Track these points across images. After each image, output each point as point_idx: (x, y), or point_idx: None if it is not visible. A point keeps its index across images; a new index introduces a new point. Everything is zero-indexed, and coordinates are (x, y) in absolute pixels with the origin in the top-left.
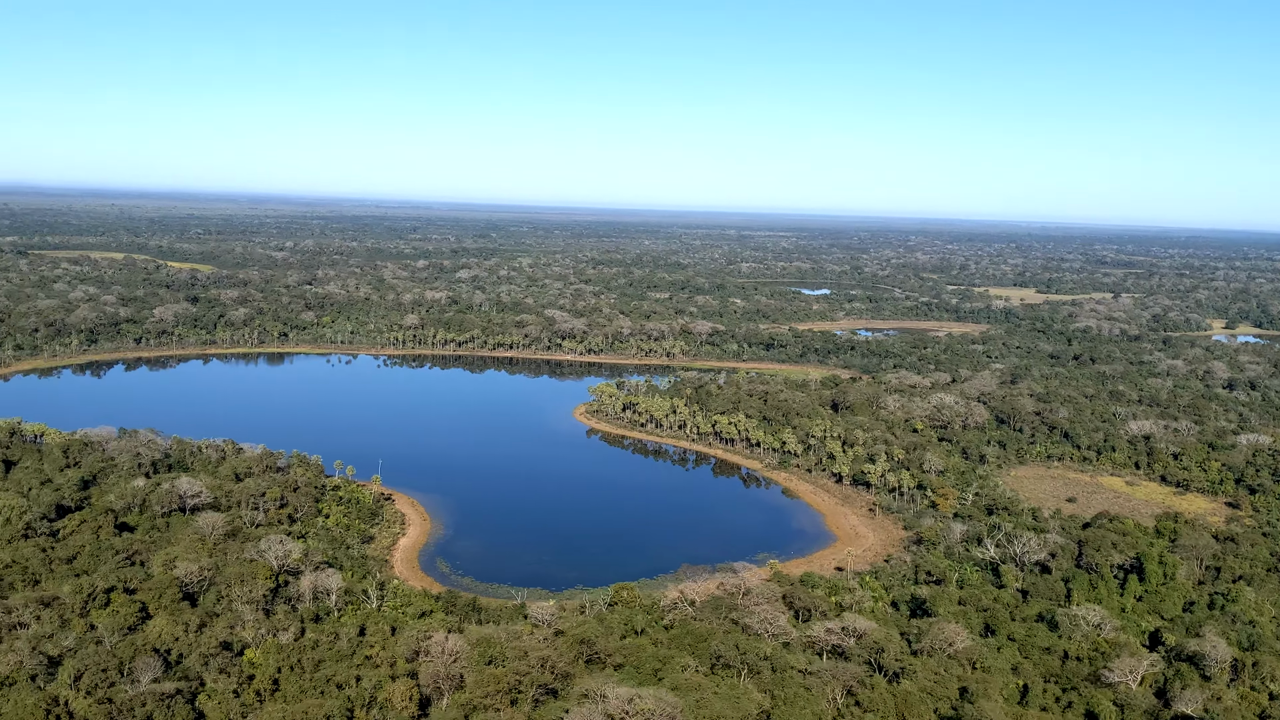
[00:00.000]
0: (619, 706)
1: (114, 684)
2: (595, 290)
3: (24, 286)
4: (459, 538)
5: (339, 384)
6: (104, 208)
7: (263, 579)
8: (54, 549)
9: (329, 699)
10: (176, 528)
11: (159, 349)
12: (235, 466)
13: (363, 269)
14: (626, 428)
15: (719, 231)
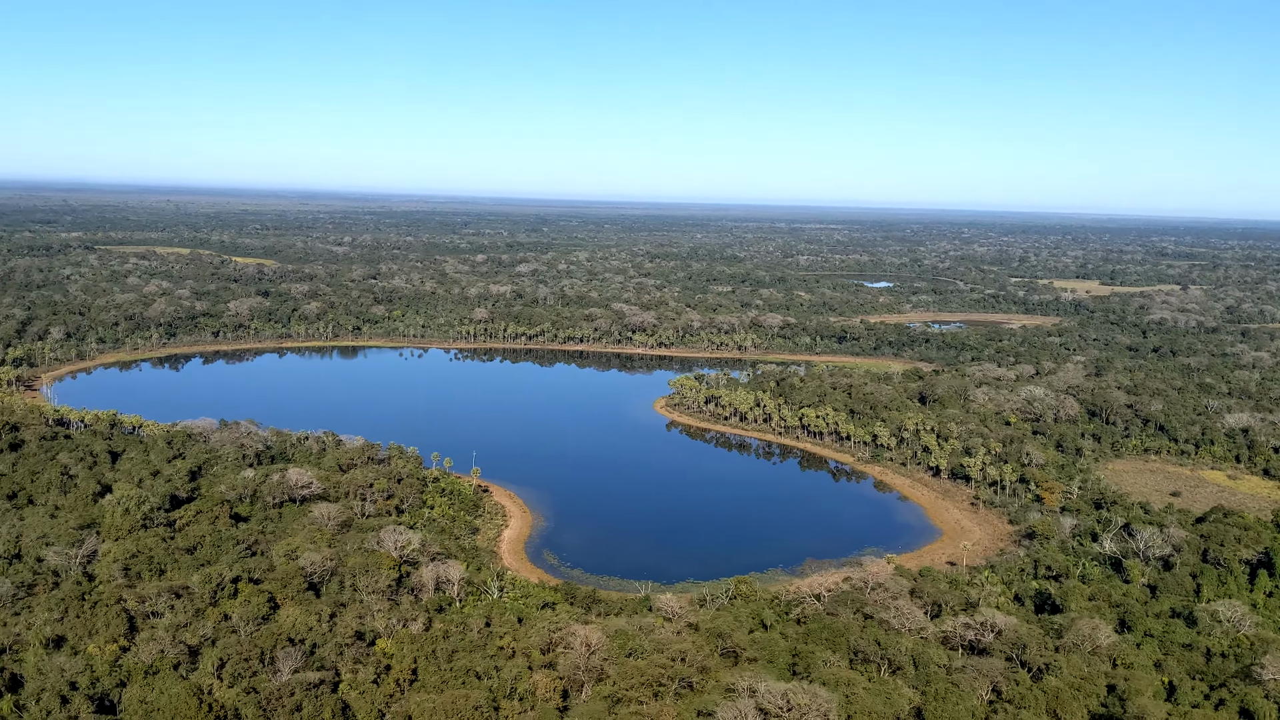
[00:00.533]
0: (772, 701)
1: (256, 673)
2: (657, 284)
3: (98, 281)
4: (561, 530)
5: (415, 377)
6: (159, 204)
7: (386, 569)
8: (174, 539)
9: (472, 689)
10: (289, 518)
11: (236, 342)
12: (338, 458)
13: (424, 263)
14: (709, 421)
15: (768, 225)
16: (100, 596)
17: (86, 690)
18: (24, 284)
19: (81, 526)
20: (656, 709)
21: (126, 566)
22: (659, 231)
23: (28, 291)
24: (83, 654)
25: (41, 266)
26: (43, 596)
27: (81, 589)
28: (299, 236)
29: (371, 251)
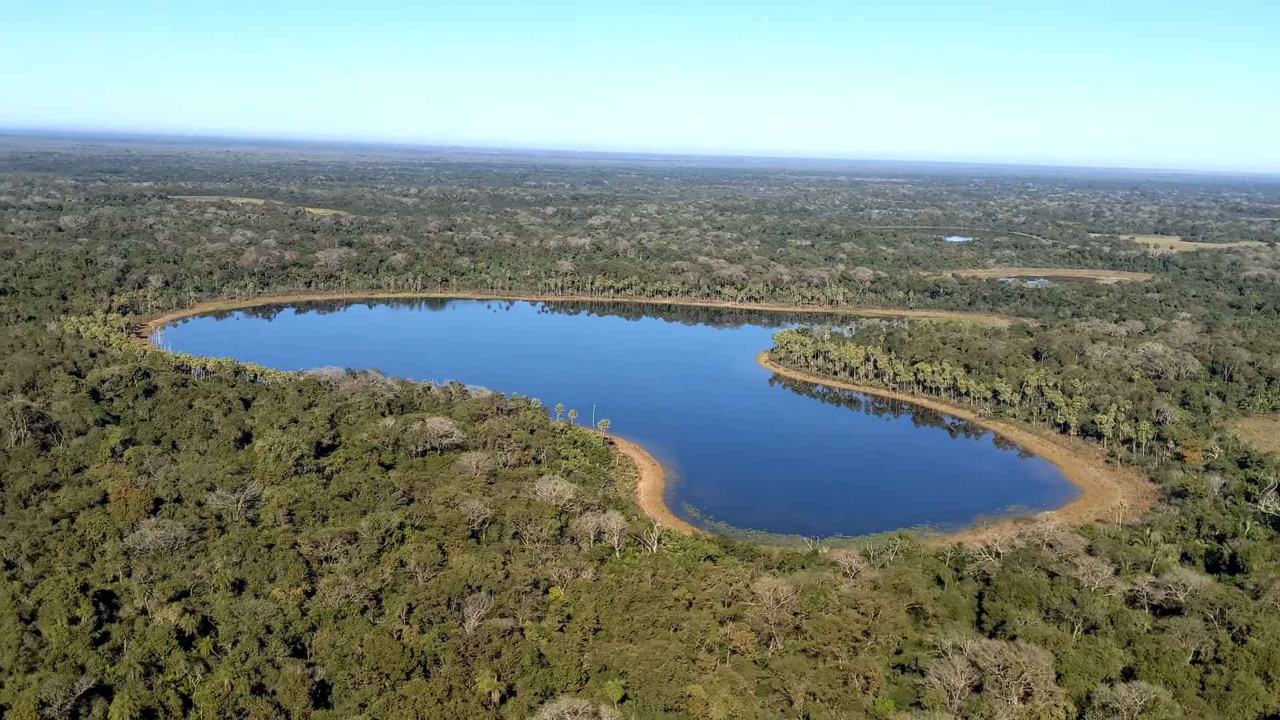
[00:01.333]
0: (986, 659)
1: (445, 619)
2: (734, 237)
3: (184, 230)
4: (695, 484)
5: (509, 329)
6: (219, 155)
7: (549, 518)
8: (328, 485)
9: (662, 639)
10: (434, 467)
11: (327, 293)
12: (469, 408)
13: (496, 215)
14: (816, 375)
15: (829, 178)
16: (274, 541)
17: (280, 634)
18: (110, 232)
19: (236, 472)
20: (860, 664)
21: (290, 512)
22: (720, 185)
23: (119, 240)
24: (268, 598)
25: (124, 215)
26: (216, 540)
27: (252, 533)
28: (365, 188)
29: (440, 203)
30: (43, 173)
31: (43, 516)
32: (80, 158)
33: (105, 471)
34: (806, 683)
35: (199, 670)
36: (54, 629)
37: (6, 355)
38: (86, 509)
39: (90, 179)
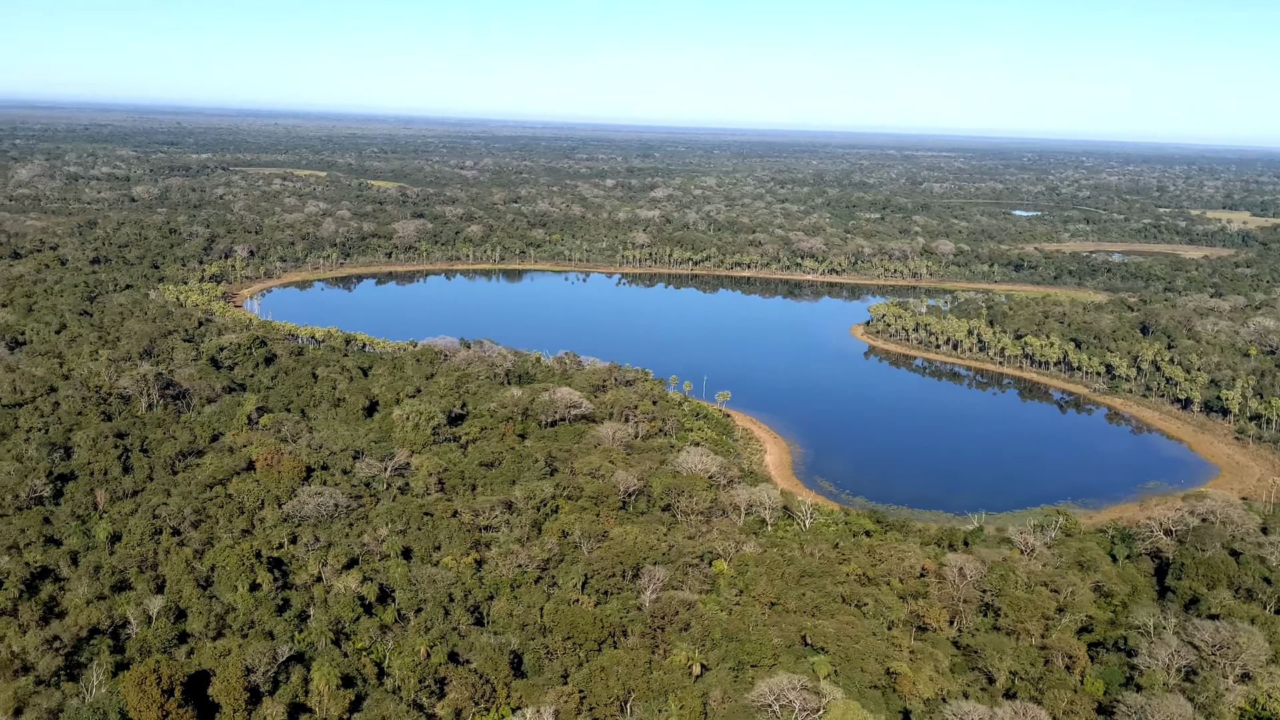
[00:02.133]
0: (1202, 638)
1: (621, 590)
2: (802, 209)
3: (256, 201)
4: (821, 457)
5: (591, 300)
6: (270, 127)
7: (702, 490)
8: (467, 454)
9: (854, 616)
10: (565, 437)
11: (406, 264)
12: (589, 379)
13: (558, 188)
14: (916, 348)
15: (878, 151)
16: (431, 509)
17: (461, 602)
18: (182, 202)
19: (375, 440)
20: (1062, 643)
21: (440, 481)
22: (771, 158)
23: (193, 210)
24: (441, 566)
25: (194, 186)
26: (375, 508)
27: (408, 502)
28: (421, 160)
29: (498, 176)
30: (100, 144)
31: (196, 483)
32: (134, 130)
33: (243, 439)
34: (1009, 661)
35: (390, 638)
36: (236, 595)
37: (119, 323)
38: (234, 476)
39: (150, 150)
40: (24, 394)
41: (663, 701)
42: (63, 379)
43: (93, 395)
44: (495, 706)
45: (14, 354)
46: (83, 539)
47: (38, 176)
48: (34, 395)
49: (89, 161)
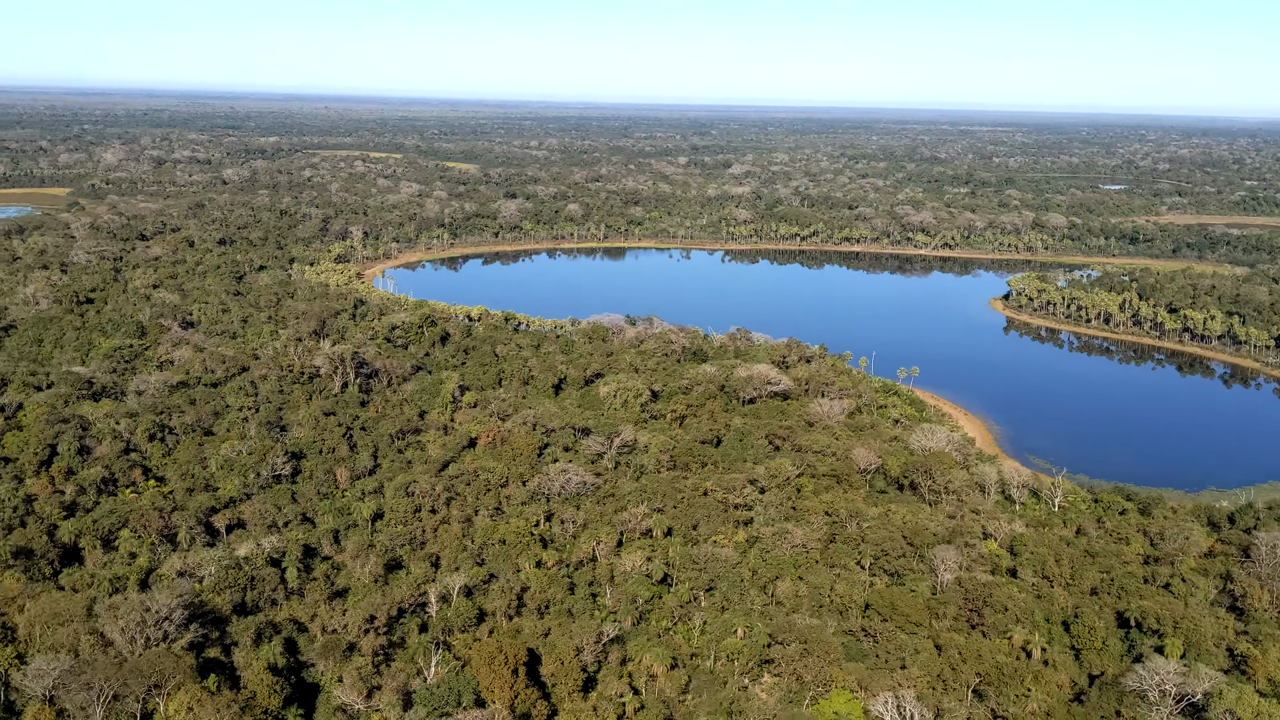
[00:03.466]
0: None
1: (912, 570)
2: (889, 184)
3: (351, 182)
4: (1023, 433)
5: (705, 277)
6: (321, 111)
7: (951, 468)
8: (685, 431)
9: (1172, 597)
10: (768, 414)
11: (513, 243)
12: (769, 354)
13: (635, 166)
14: (1063, 322)
15: (933, 127)
16: (679, 487)
17: (752, 581)
18: (271, 184)
19: (586, 417)
20: None
21: (673, 459)
22: (829, 134)
23: (299, 192)
24: (712, 544)
25: (280, 168)
26: (619, 485)
27: (654, 479)
28: (482, 141)
29: (569, 155)
30: (166, 128)
31: (431, 461)
32: (191, 114)
33: (450, 417)
34: None
35: (696, 618)
36: (525, 574)
37: (275, 303)
38: (461, 454)
39: (219, 135)
40: (216, 374)
41: (1018, 686)
42: (253, 359)
43: (287, 375)
44: (830, 690)
45: (188, 333)
46: (339, 517)
47: (124, 160)
48: (227, 375)
49: (164, 145)
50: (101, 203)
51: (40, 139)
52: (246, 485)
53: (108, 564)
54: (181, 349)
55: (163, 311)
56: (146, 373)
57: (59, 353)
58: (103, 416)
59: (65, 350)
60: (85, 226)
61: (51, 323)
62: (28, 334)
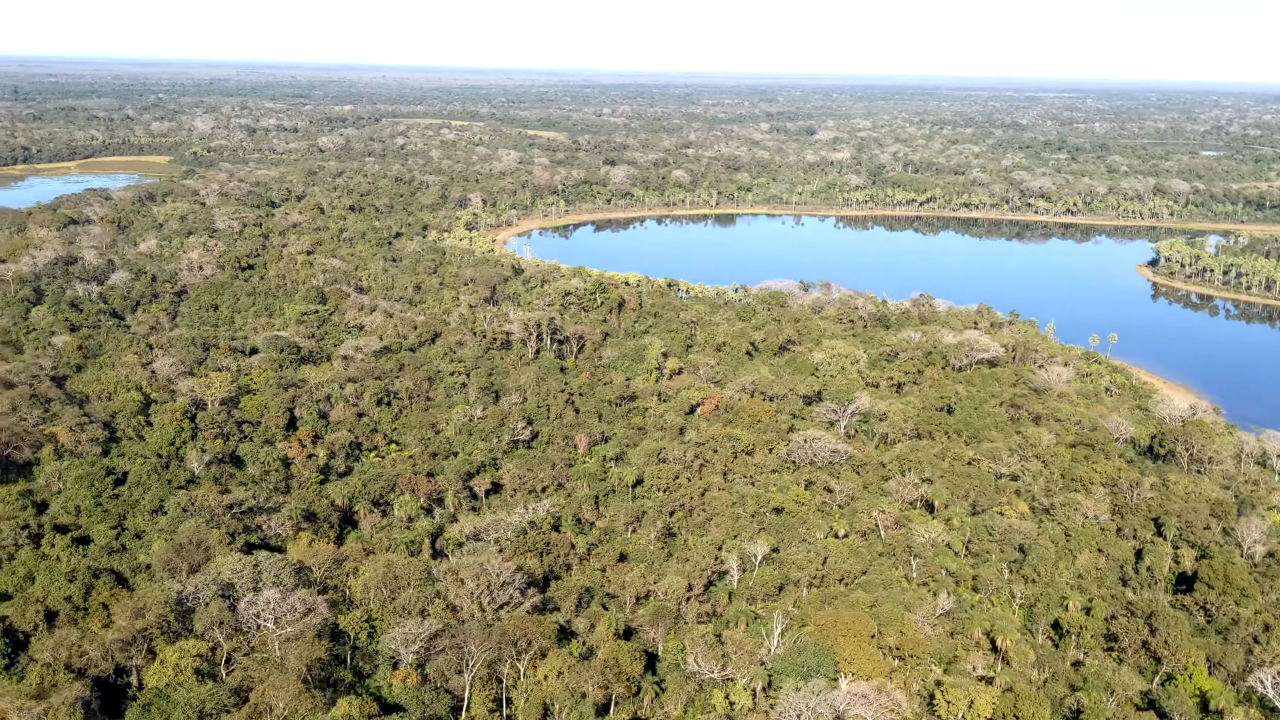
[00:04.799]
0: None
1: (1214, 542)
2: (985, 150)
3: (448, 149)
4: (1234, 404)
5: (829, 242)
6: (383, 80)
7: (1213, 437)
8: (912, 398)
9: None
10: (981, 380)
11: (625, 210)
12: (962, 321)
13: (721, 133)
14: (1219, 288)
15: (999, 94)
16: (944, 456)
17: (1060, 557)
18: (365, 152)
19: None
20: None
21: (916, 428)
22: (894, 101)
23: (395, 159)
24: (1000, 514)
25: (371, 136)
26: (881, 454)
27: (914, 448)
28: (555, 109)
29: (647, 122)
30: (233, 97)
31: (666, 428)
32: (257, 84)
33: (652, 382)
34: None
35: (1015, 590)
36: (821, 543)
37: (434, 269)
38: (685, 419)
39: (295, 104)
40: (408, 339)
41: None
42: (443, 324)
43: (480, 340)
44: (1185, 665)
45: (366, 298)
46: (596, 484)
47: (215, 129)
48: (420, 341)
49: (245, 114)
50: (219, 170)
51: (122, 108)
52: (491, 450)
53: (385, 527)
54: (370, 315)
55: (335, 278)
56: (335, 337)
57: (239, 317)
58: (326, 381)
59: (245, 315)
60: (215, 194)
61: (223, 288)
62: (202, 299)
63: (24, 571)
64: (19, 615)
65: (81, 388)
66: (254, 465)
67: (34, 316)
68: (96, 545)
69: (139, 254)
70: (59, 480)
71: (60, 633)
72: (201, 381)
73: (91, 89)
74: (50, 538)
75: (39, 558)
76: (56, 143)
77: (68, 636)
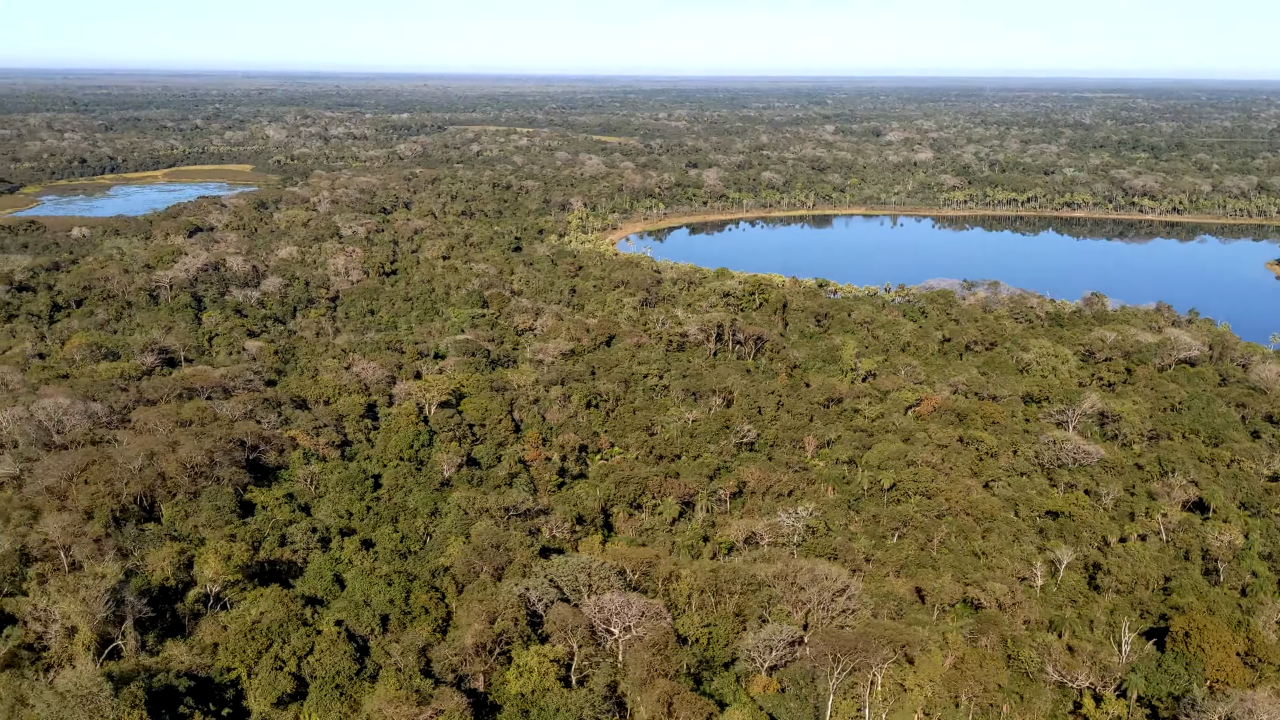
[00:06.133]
0: None
1: None
2: (1062, 149)
3: (532, 156)
4: None
5: (931, 242)
6: (427, 89)
7: None
8: (1118, 398)
9: None
10: (1186, 380)
11: (722, 212)
12: (1145, 320)
13: (792, 135)
14: None
15: (1041, 93)
16: (1203, 458)
17: None
18: (444, 159)
19: None
20: None
21: (1154, 429)
22: (942, 102)
23: (488, 166)
24: None
25: (447, 143)
26: (1126, 454)
27: (1170, 449)
28: (611, 114)
29: (711, 126)
30: (285, 106)
31: (894, 430)
32: (301, 95)
33: (847, 384)
34: None
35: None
36: (1131, 547)
37: (577, 273)
38: (899, 419)
39: (356, 111)
40: (582, 341)
41: None
42: (616, 326)
43: (657, 342)
44: None
45: (525, 301)
46: (843, 487)
47: (290, 139)
48: (594, 344)
49: (308, 123)
50: (320, 178)
51: (186, 117)
52: (720, 453)
53: (648, 529)
54: (537, 318)
55: (490, 282)
56: (511, 340)
57: (400, 321)
58: (530, 384)
59: (407, 319)
60: (326, 201)
61: (375, 293)
62: (358, 304)
63: (328, 575)
64: (353, 620)
65: (297, 391)
66: (500, 468)
67: (206, 323)
68: (384, 548)
69: (280, 260)
70: (311, 483)
71: (407, 637)
72: (421, 385)
73: (145, 100)
74: (338, 541)
75: (332, 561)
76: (140, 152)
77: (414, 641)
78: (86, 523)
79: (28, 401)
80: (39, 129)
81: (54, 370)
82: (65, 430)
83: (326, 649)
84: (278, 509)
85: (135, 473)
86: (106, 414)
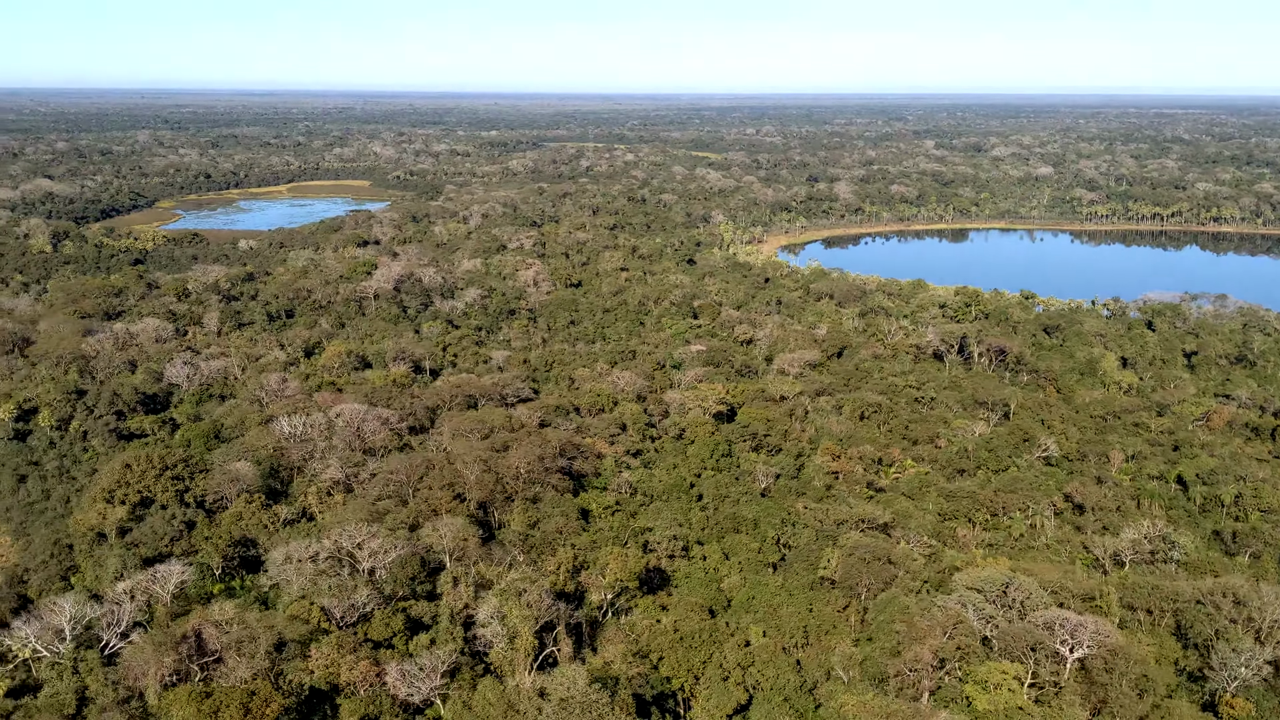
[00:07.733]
0: None
1: None
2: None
3: (653, 171)
4: None
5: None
6: (499, 107)
7: None
8: None
9: None
10: None
11: (859, 225)
12: None
13: (895, 149)
14: None
15: (1119, 110)
16: None
17: None
18: (555, 175)
19: None
20: None
21: None
22: (1023, 119)
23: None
24: None
25: (554, 159)
26: None
27: None
28: (694, 130)
29: (803, 141)
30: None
31: (1173, 438)
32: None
33: (1115, 397)
34: None
35: None
36: None
37: (766, 284)
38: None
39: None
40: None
41: None
42: (845, 337)
43: (895, 354)
44: None
45: (739, 313)
46: (1178, 504)
47: (402, 156)
48: (827, 355)
49: (407, 140)
50: (462, 192)
51: (286, 134)
52: (1020, 468)
53: (994, 545)
54: (754, 329)
55: (689, 293)
56: (737, 353)
57: (610, 331)
58: (795, 395)
59: (615, 329)
60: (476, 215)
61: (572, 305)
62: (558, 315)
63: (712, 584)
64: (774, 630)
65: (562, 400)
66: (815, 479)
67: (426, 333)
68: (744, 558)
69: (465, 272)
70: (629, 491)
71: (841, 648)
72: (696, 394)
73: (231, 118)
74: (697, 550)
75: (706, 570)
76: (259, 169)
77: (850, 653)
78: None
79: (308, 408)
80: (151, 146)
81: (318, 378)
82: (365, 436)
83: (769, 660)
84: (610, 516)
85: (475, 478)
86: (397, 420)
